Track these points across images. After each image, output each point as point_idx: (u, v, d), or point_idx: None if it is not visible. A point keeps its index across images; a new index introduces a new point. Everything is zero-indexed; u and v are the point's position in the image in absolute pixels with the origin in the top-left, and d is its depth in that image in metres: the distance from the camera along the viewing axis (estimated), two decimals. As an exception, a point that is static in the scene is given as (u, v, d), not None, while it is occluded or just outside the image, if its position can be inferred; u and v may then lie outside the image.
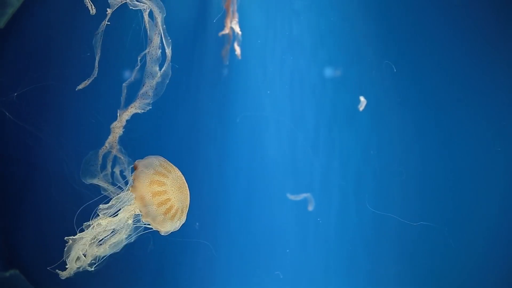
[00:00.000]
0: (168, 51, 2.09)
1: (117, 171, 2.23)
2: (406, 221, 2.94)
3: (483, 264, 3.06)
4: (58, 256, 3.30)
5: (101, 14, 2.10)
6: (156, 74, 2.07)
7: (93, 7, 1.93)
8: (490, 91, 2.96)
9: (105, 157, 2.20)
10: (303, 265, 3.35)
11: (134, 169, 1.85)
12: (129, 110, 2.14)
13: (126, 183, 2.13)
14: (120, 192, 1.92)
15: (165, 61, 2.12)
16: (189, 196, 1.93)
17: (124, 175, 2.22)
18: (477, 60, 2.95)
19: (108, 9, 1.98)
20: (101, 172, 2.18)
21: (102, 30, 1.99)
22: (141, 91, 2.13)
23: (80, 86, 2.10)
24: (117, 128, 2.19)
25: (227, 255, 3.28)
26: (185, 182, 1.92)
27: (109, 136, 2.17)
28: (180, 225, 1.93)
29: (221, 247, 3.27)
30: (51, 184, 3.05)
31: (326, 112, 3.24)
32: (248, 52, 3.24)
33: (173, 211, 1.84)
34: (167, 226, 1.85)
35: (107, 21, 2.00)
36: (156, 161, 1.88)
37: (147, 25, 2.06)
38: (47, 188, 3.09)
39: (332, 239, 3.30)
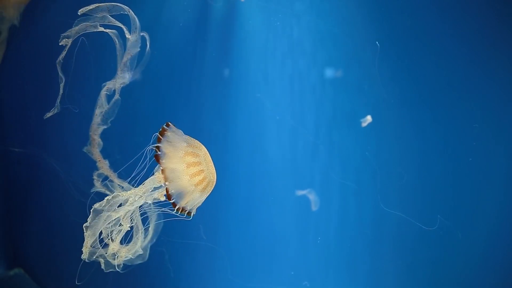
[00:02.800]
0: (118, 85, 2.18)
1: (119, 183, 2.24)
2: (424, 227, 2.93)
3: (483, 264, 3.06)
4: (61, 255, 3.34)
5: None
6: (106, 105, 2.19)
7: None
8: (490, 91, 2.96)
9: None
10: (303, 265, 3.36)
11: (158, 140, 1.80)
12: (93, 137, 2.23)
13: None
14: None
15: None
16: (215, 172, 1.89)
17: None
18: (477, 61, 2.95)
19: (66, 39, 2.05)
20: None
21: (61, 58, 2.06)
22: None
23: (48, 115, 2.20)
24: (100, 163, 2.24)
25: (227, 255, 3.29)
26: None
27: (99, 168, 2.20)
28: (202, 200, 1.87)
29: (221, 248, 3.28)
30: (55, 184, 3.08)
31: (326, 113, 3.25)
32: (249, 54, 3.26)
33: (204, 183, 1.81)
34: (194, 197, 1.79)
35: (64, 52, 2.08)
36: (182, 134, 1.86)
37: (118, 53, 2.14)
38: (51, 188, 3.11)
39: (332, 239, 3.30)
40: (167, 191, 1.73)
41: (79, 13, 2.08)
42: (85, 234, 1.80)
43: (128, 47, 2.18)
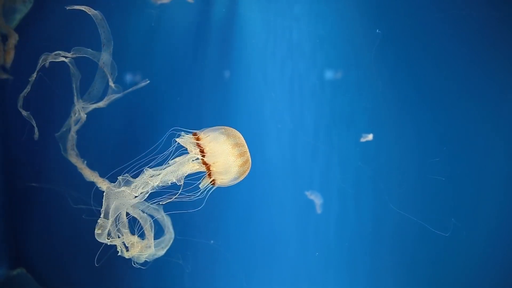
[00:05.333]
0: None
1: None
2: (438, 231, 2.93)
3: (483, 264, 3.07)
4: (63, 255, 3.36)
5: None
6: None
7: None
8: (489, 92, 2.97)
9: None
10: (303, 266, 3.37)
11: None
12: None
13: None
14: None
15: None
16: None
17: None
18: (477, 62, 2.96)
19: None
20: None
21: (23, 96, 2.14)
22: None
23: (35, 135, 2.31)
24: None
25: (228, 256, 3.29)
26: None
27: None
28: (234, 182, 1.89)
29: (222, 248, 3.29)
30: (57, 184, 3.10)
31: (326, 115, 3.26)
32: (249, 56, 3.27)
33: (247, 165, 1.85)
34: (233, 178, 1.82)
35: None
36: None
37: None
38: (54, 188, 3.12)
39: (332, 240, 3.31)
40: (202, 157, 1.75)
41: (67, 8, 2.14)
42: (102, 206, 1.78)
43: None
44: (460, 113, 3.04)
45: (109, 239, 1.83)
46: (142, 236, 2.04)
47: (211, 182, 1.84)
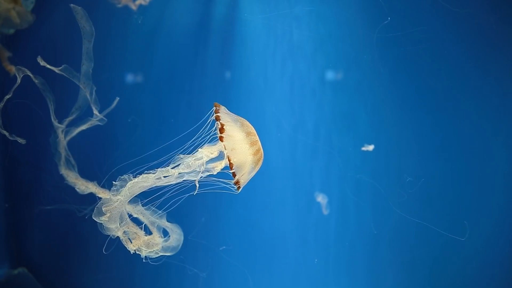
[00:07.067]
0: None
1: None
2: (452, 235, 2.93)
3: (483, 264, 3.07)
4: (65, 254, 3.37)
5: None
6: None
7: None
8: (489, 92, 2.97)
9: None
10: (303, 266, 3.37)
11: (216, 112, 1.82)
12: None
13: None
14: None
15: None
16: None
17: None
18: (477, 62, 2.97)
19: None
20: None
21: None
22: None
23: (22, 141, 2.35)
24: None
25: (228, 256, 3.29)
26: None
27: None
28: (250, 177, 1.88)
29: (222, 248, 3.30)
30: (59, 184, 3.10)
31: (326, 116, 3.26)
32: (250, 57, 3.28)
33: (259, 155, 1.83)
34: (249, 169, 1.80)
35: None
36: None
37: None
38: (55, 188, 3.13)
39: (332, 240, 3.31)
40: (229, 160, 1.73)
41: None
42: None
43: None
44: (460, 114, 3.04)
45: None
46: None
47: (235, 182, 1.81)
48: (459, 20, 2.94)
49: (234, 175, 1.76)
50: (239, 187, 1.83)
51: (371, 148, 3.11)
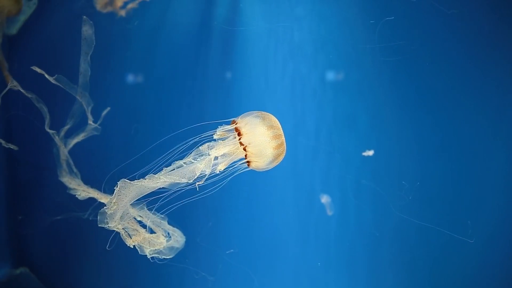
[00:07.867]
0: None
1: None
2: (460, 237, 2.93)
3: (483, 264, 3.07)
4: (66, 254, 3.38)
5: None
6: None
7: None
8: (489, 93, 2.97)
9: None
10: (304, 267, 3.37)
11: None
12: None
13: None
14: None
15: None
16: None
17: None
18: (477, 63, 2.97)
19: None
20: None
21: None
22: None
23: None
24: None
25: (231, 259, 3.30)
26: None
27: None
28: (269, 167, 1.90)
29: (222, 249, 3.30)
30: (61, 184, 3.11)
31: (327, 116, 3.26)
32: (251, 57, 3.29)
33: (281, 148, 1.85)
34: (268, 161, 1.83)
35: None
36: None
37: None
38: (57, 188, 3.14)
39: (332, 240, 3.31)
40: (241, 144, 1.78)
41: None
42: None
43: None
44: (460, 114, 3.04)
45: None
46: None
47: (246, 162, 1.84)
48: (459, 21, 2.94)
49: (246, 158, 1.80)
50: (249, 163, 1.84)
51: (371, 153, 3.12)
